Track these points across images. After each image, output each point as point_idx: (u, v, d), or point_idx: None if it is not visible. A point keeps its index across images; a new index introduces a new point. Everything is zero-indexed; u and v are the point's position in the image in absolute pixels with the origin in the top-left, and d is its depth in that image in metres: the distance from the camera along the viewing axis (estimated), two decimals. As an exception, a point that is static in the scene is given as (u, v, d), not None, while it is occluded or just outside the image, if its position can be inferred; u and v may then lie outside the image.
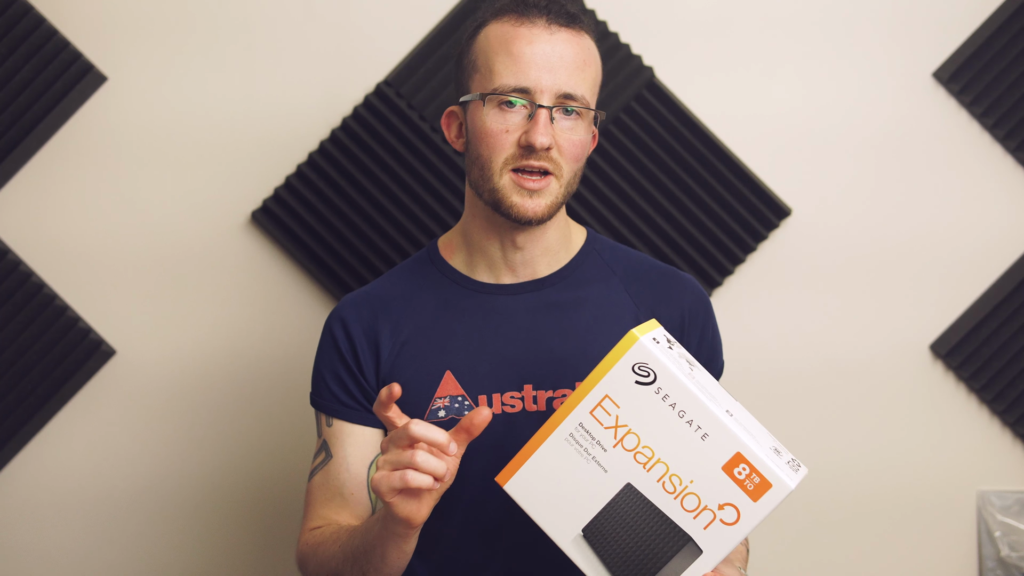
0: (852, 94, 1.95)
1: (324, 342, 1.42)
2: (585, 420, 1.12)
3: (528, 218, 1.30)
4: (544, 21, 1.30)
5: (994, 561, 1.98)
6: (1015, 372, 1.97)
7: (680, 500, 1.10)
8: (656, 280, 1.41)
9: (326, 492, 1.39)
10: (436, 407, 1.35)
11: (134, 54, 1.89)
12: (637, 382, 1.10)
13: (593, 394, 1.12)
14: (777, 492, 1.08)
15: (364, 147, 1.91)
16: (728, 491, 1.09)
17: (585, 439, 1.12)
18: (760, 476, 1.09)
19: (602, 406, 1.11)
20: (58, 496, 1.93)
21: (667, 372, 1.10)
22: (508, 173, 1.29)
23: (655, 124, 1.93)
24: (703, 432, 1.09)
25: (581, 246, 1.43)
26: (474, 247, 1.39)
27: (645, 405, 1.10)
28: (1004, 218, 1.97)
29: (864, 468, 1.99)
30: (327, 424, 1.40)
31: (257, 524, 1.95)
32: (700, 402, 1.09)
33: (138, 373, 1.92)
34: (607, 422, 1.12)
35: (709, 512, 1.10)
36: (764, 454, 1.09)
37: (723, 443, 1.09)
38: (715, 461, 1.09)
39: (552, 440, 1.13)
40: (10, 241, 1.89)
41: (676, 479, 1.10)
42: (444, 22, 1.90)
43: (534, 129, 1.27)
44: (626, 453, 1.11)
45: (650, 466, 1.11)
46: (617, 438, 1.11)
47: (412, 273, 1.43)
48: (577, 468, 1.12)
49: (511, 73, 1.28)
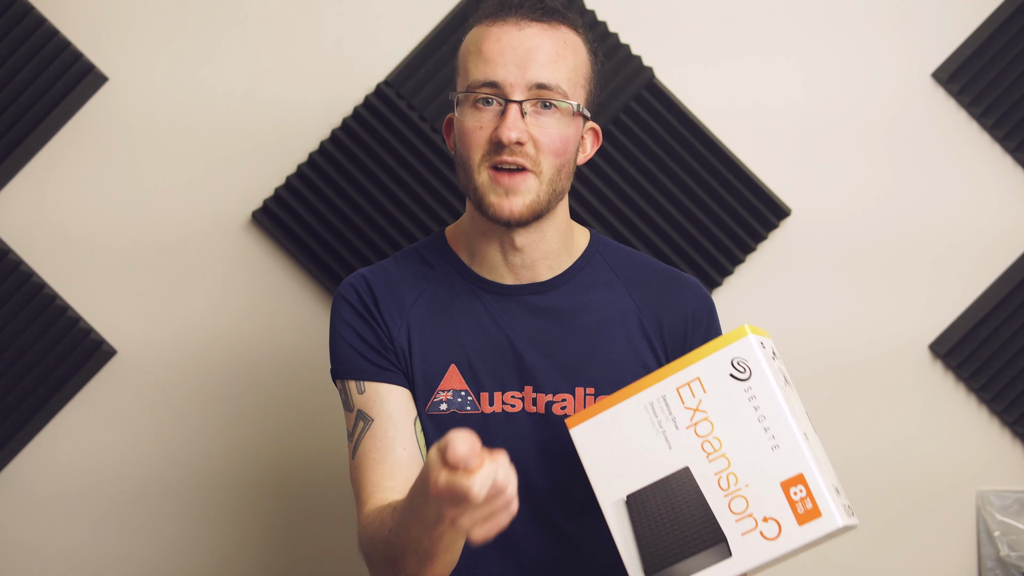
0: (851, 95, 1.95)
1: (339, 310, 1.38)
2: (669, 394, 1.13)
3: (505, 218, 1.28)
4: (515, 18, 1.30)
5: (993, 561, 1.98)
6: (1015, 372, 1.97)
7: (729, 499, 1.10)
8: (660, 284, 1.41)
9: (376, 456, 1.31)
10: (439, 399, 1.34)
11: (135, 54, 1.89)
12: (732, 375, 1.12)
13: (686, 372, 1.13)
14: (824, 524, 1.08)
15: (364, 147, 1.91)
16: (778, 507, 1.09)
17: (663, 411, 1.14)
18: (814, 503, 1.09)
19: (690, 386, 1.13)
20: (59, 496, 1.93)
21: (763, 374, 1.11)
22: (486, 170, 1.29)
23: (655, 124, 1.93)
24: (775, 443, 1.10)
25: (584, 249, 1.42)
26: (474, 248, 1.39)
27: (730, 399, 1.11)
28: (1003, 218, 1.97)
29: (863, 468, 1.99)
30: (359, 392, 1.35)
31: (258, 524, 1.95)
32: (784, 414, 1.10)
33: (138, 373, 1.92)
34: (689, 403, 1.13)
35: (752, 520, 1.10)
36: (825, 485, 1.09)
37: (790, 459, 1.09)
38: (777, 474, 1.09)
39: (631, 402, 1.14)
40: (10, 241, 1.89)
41: (733, 478, 1.11)
42: (444, 22, 1.91)
43: (502, 124, 1.26)
44: (696, 438, 1.12)
45: (714, 457, 1.11)
46: (693, 421, 1.12)
47: (423, 260, 1.42)
48: (645, 436, 1.13)
49: (480, 69, 1.28)
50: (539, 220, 1.33)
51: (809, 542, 1.09)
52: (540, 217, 1.32)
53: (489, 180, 1.28)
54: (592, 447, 1.16)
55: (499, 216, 1.29)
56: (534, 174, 1.28)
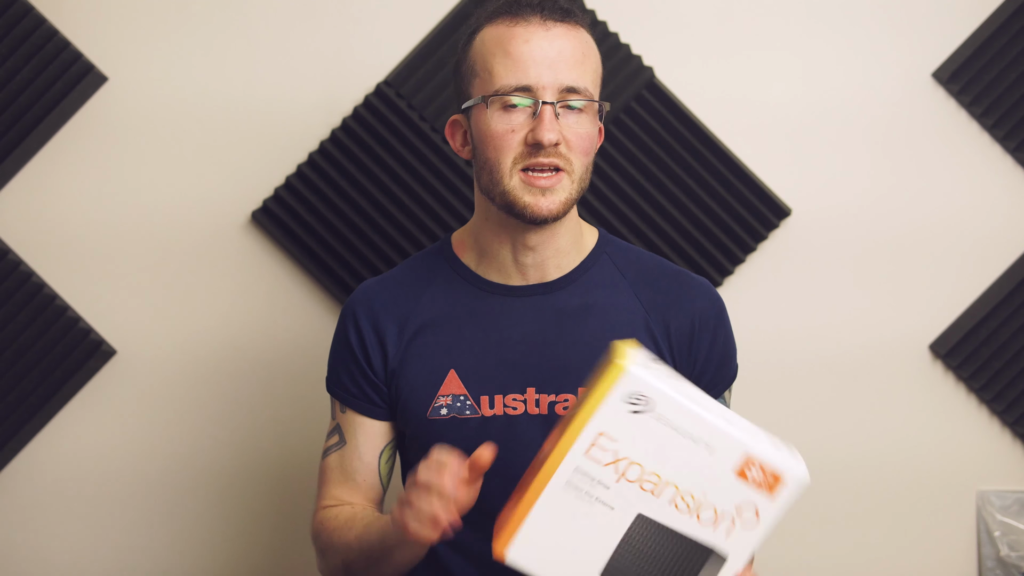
0: (852, 95, 1.95)
1: (338, 334, 1.44)
2: (581, 463, 1.06)
3: (544, 216, 1.29)
4: (539, 18, 1.29)
5: (993, 561, 1.98)
6: (1015, 372, 1.97)
7: (696, 515, 1.08)
8: (668, 285, 1.40)
9: (340, 475, 1.42)
10: (438, 405, 1.35)
11: (134, 54, 1.89)
12: (633, 412, 1.06)
13: (586, 434, 1.06)
14: (793, 483, 1.07)
15: (364, 147, 1.91)
16: (744, 494, 1.08)
17: (585, 482, 1.07)
18: (772, 473, 1.07)
19: (597, 444, 1.06)
20: (58, 496, 1.93)
21: (662, 395, 1.06)
22: (518, 173, 1.28)
23: (655, 124, 1.93)
24: (706, 444, 1.07)
25: (592, 248, 1.41)
26: (484, 250, 1.38)
27: (643, 432, 1.06)
28: (1003, 217, 1.97)
29: (864, 468, 1.99)
30: (341, 411, 1.43)
31: (258, 524, 1.95)
32: (700, 416, 1.07)
33: (138, 373, 1.92)
34: (605, 459, 1.06)
35: (728, 519, 1.08)
36: (771, 451, 1.08)
37: (730, 450, 1.07)
38: (725, 469, 1.07)
39: (548, 493, 1.07)
40: (10, 241, 1.89)
41: (689, 497, 1.08)
42: (444, 22, 1.91)
43: (540, 126, 1.26)
44: (631, 484, 1.07)
45: (659, 491, 1.07)
46: (619, 472, 1.07)
47: (426, 266, 1.43)
48: (581, 514, 1.07)
49: (511, 73, 1.28)
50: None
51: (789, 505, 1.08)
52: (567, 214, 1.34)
53: (522, 183, 1.29)
54: (537, 558, 1.09)
55: (536, 216, 1.29)
56: (567, 173, 1.30)
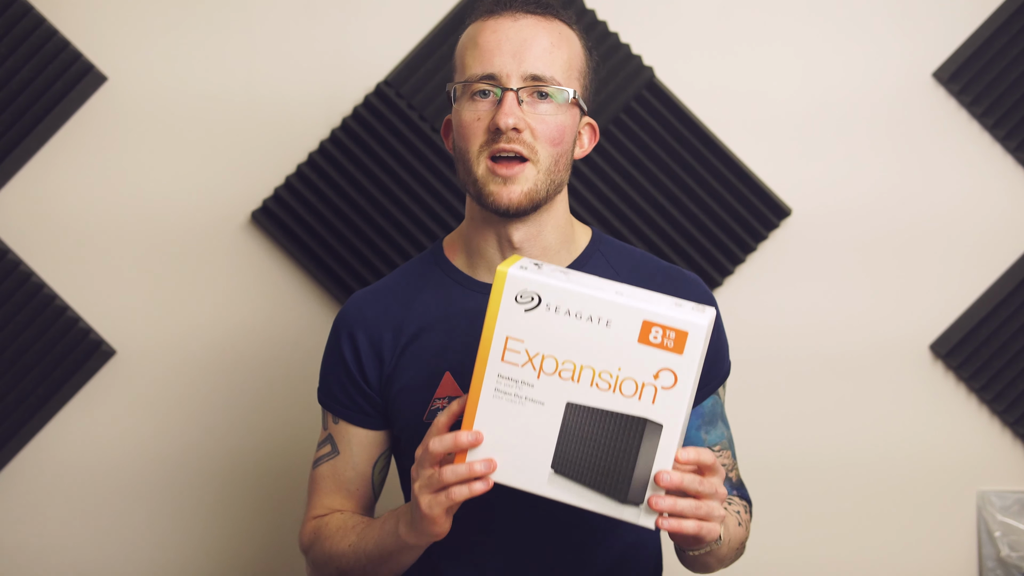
0: (853, 95, 1.95)
1: (330, 347, 1.43)
2: (501, 369, 1.14)
3: (505, 206, 1.29)
4: (511, 12, 1.32)
5: (994, 561, 1.98)
6: (1015, 372, 1.97)
7: (619, 391, 1.12)
8: (662, 283, 1.39)
9: (332, 484, 1.42)
10: (435, 407, 1.35)
11: (134, 54, 1.89)
12: (526, 310, 1.13)
13: (495, 342, 1.13)
14: (696, 336, 1.10)
15: (364, 147, 1.91)
16: (655, 359, 1.11)
17: (510, 386, 1.14)
18: (673, 330, 1.11)
19: (508, 348, 1.13)
20: (58, 496, 1.93)
21: (547, 287, 1.12)
22: (485, 161, 1.30)
23: (655, 124, 1.93)
24: (605, 320, 1.11)
25: (585, 247, 1.41)
26: (473, 250, 1.39)
27: (544, 326, 1.12)
28: (1004, 218, 1.97)
29: (864, 468, 1.99)
30: (333, 422, 1.43)
31: (257, 524, 1.95)
32: (589, 296, 1.12)
33: (138, 373, 1.92)
34: (520, 360, 1.13)
35: (649, 387, 1.12)
36: (666, 311, 1.11)
37: (626, 320, 1.11)
38: (629, 339, 1.11)
39: (482, 402, 1.14)
40: (10, 241, 1.89)
41: (607, 375, 1.12)
42: (444, 22, 1.90)
43: (499, 111, 1.27)
44: (551, 377, 1.13)
45: (578, 377, 1.13)
46: (536, 368, 1.13)
47: (417, 273, 1.43)
48: (516, 415, 1.14)
49: (478, 62, 1.30)
50: (537, 213, 1.33)
51: (701, 358, 1.11)
52: (538, 208, 1.33)
53: (487, 171, 1.30)
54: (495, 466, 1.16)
55: (498, 205, 1.30)
56: (532, 163, 1.30)
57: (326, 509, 1.42)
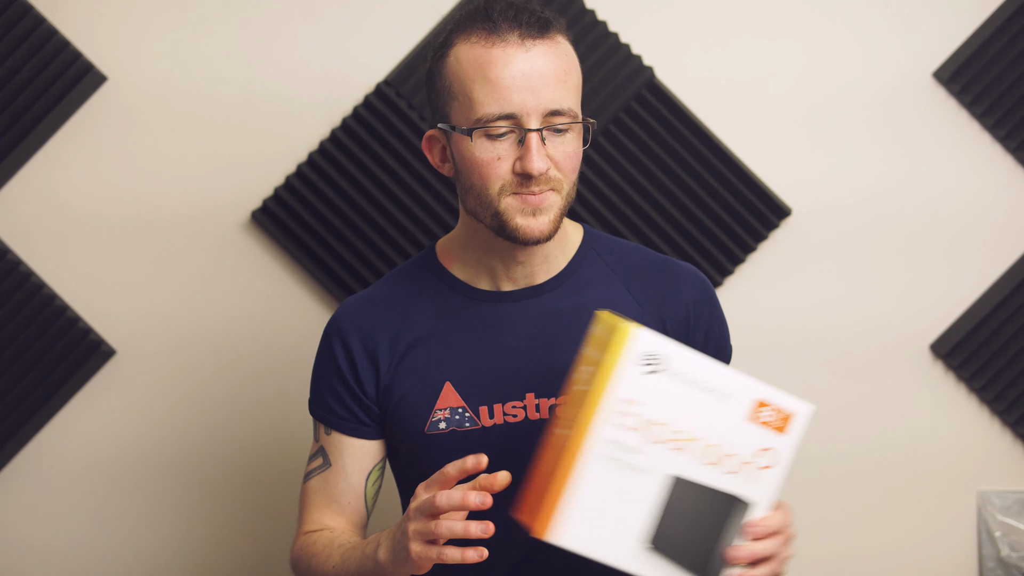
0: (853, 95, 1.95)
1: (322, 355, 1.40)
2: (609, 432, 1.06)
3: (535, 239, 1.26)
4: (517, 37, 1.23)
5: (994, 561, 1.98)
6: (1015, 372, 1.97)
7: (721, 466, 1.10)
8: (658, 277, 1.38)
9: (323, 498, 1.39)
10: (436, 419, 1.32)
11: (134, 54, 1.89)
12: (649, 372, 1.07)
13: (608, 402, 1.06)
14: (801, 419, 1.11)
15: (364, 147, 1.91)
16: (760, 437, 1.10)
17: (616, 451, 1.06)
18: (782, 410, 1.11)
19: (621, 411, 1.06)
20: (58, 495, 1.93)
21: (674, 351, 1.07)
22: (509, 197, 1.25)
23: (655, 124, 1.93)
24: (720, 393, 1.09)
25: (579, 246, 1.39)
26: (472, 260, 1.36)
27: (661, 391, 1.07)
28: (1004, 218, 1.97)
29: (864, 468, 1.99)
30: (325, 433, 1.39)
31: (257, 524, 1.95)
32: (711, 367, 1.09)
33: (138, 373, 1.92)
34: (633, 423, 1.07)
35: (749, 464, 1.11)
36: (776, 392, 1.11)
37: (740, 395, 1.10)
38: (740, 415, 1.10)
39: (582, 466, 1.06)
40: (9, 241, 1.89)
41: (713, 449, 1.09)
42: (443, 22, 1.90)
43: (527, 156, 1.22)
44: (660, 446, 1.08)
45: (687, 448, 1.09)
46: (647, 435, 1.07)
47: (411, 279, 1.40)
48: (617, 484, 1.07)
49: (493, 100, 1.22)
50: None
51: (800, 439, 1.12)
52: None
53: (513, 204, 1.25)
54: (581, 535, 1.08)
55: (528, 238, 1.26)
56: (556, 192, 1.27)
57: (317, 524, 1.38)
